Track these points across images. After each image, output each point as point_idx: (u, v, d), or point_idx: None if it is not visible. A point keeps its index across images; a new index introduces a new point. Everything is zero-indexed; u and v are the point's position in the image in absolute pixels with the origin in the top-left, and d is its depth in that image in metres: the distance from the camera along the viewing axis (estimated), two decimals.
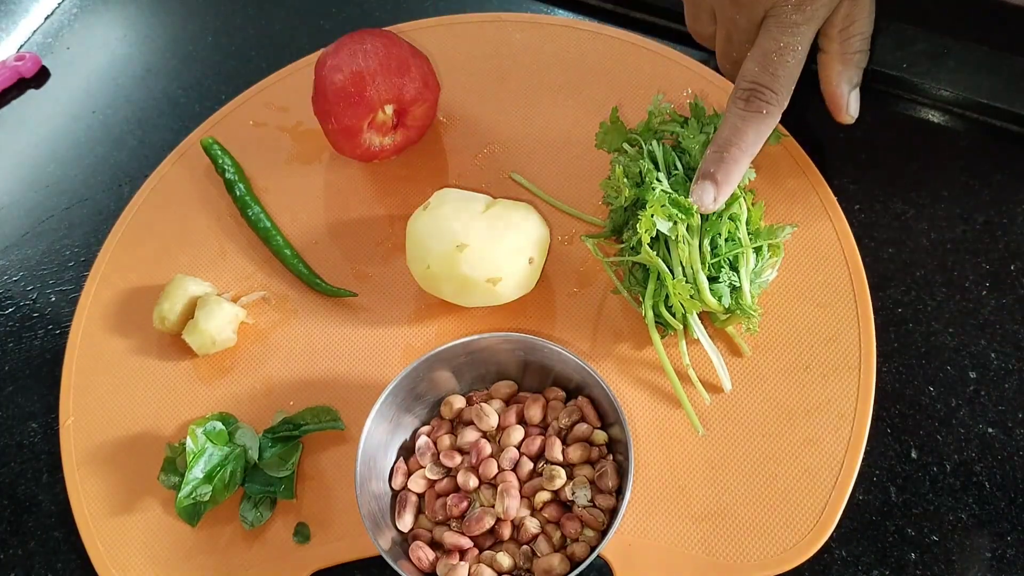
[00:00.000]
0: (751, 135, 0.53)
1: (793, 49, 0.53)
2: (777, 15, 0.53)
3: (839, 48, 0.56)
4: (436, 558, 0.50)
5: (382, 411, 0.52)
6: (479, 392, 0.56)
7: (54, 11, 0.84)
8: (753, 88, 0.54)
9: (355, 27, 0.65)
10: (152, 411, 0.60)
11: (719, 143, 0.54)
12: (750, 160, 0.54)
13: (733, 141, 0.53)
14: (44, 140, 0.76)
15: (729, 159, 0.53)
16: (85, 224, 0.71)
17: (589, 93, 0.68)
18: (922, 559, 0.51)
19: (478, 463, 0.52)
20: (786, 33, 0.53)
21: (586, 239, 0.60)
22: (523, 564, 0.49)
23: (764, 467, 0.53)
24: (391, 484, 0.53)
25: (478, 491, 0.51)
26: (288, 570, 0.54)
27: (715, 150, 0.54)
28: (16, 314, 0.67)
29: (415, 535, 0.51)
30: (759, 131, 0.54)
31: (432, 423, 0.55)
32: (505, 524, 0.50)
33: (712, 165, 0.53)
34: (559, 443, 0.52)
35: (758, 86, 0.53)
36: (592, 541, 0.50)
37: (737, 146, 0.53)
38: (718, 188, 0.53)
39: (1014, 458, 0.53)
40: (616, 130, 0.60)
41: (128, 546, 0.56)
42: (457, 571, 0.49)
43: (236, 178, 0.67)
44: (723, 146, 0.53)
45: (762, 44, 0.54)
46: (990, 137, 0.63)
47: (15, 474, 0.61)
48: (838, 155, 0.64)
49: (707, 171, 0.53)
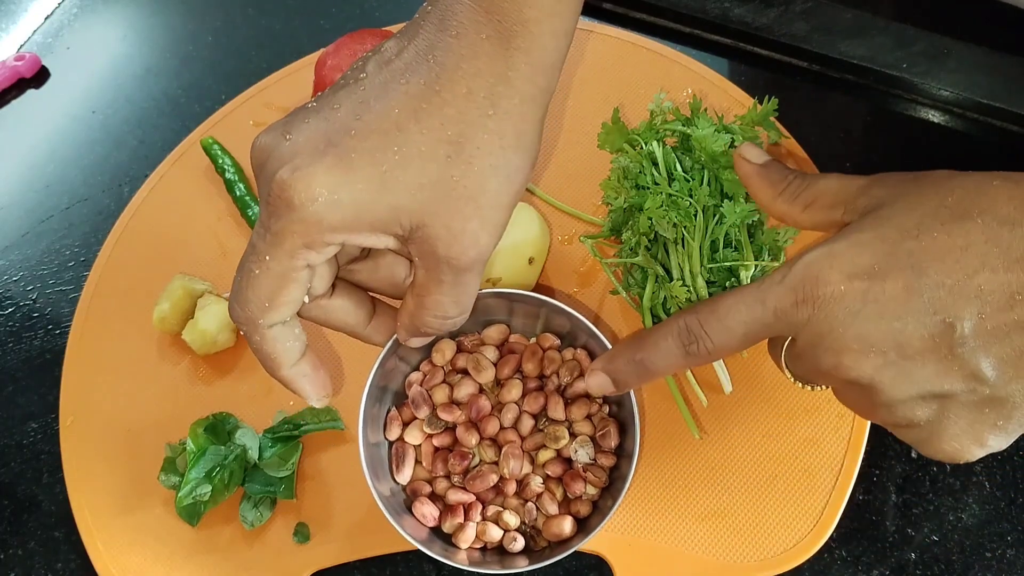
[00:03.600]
0: (677, 368, 0.44)
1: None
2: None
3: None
4: (441, 515, 0.50)
5: (382, 365, 0.50)
6: (470, 336, 0.54)
7: (54, 11, 0.84)
8: (696, 338, 0.42)
9: (355, 27, 0.65)
10: (152, 411, 0.60)
11: (641, 360, 0.43)
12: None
13: (658, 369, 0.44)
14: (44, 140, 0.76)
15: (643, 377, 0.44)
16: (85, 224, 0.71)
17: (589, 93, 0.68)
18: (922, 559, 0.51)
19: (478, 419, 0.51)
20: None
21: (585, 239, 0.60)
22: (528, 521, 0.50)
23: (764, 467, 0.53)
24: (385, 435, 0.52)
25: (479, 447, 0.51)
26: (288, 570, 0.54)
27: (635, 362, 0.44)
28: (16, 314, 0.67)
29: (414, 488, 0.51)
30: (681, 369, 0.47)
31: (423, 369, 0.53)
32: (509, 482, 0.50)
33: (623, 373, 0.45)
34: (561, 402, 0.51)
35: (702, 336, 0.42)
36: (594, 498, 0.50)
37: (658, 374, 0.44)
38: (616, 389, 0.46)
39: (1014, 458, 0.53)
40: (618, 130, 0.60)
41: (128, 546, 0.56)
42: (465, 530, 0.49)
43: (236, 178, 0.67)
44: (646, 366, 0.44)
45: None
46: (990, 137, 0.63)
47: (15, 474, 0.61)
48: (838, 155, 0.64)
49: (615, 372, 0.45)
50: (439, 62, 0.39)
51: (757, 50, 0.70)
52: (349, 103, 0.39)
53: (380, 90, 0.39)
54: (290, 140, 0.38)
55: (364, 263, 0.45)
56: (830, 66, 0.68)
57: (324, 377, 0.45)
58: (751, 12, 0.70)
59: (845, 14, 0.68)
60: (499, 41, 0.39)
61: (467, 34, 0.39)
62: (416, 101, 0.38)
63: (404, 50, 0.40)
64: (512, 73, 0.39)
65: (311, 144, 0.38)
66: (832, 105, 0.68)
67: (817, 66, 0.68)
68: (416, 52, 0.39)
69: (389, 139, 0.38)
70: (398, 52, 0.40)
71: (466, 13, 0.39)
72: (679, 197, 0.53)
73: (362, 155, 0.38)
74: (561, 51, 0.41)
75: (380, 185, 0.38)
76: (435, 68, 0.39)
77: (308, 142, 0.38)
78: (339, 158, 0.38)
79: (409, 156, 0.38)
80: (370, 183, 0.38)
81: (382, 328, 0.47)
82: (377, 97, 0.39)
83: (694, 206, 0.53)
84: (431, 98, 0.38)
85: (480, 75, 0.39)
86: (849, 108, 0.67)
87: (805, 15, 0.69)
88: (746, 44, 0.70)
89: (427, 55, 0.39)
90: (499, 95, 0.39)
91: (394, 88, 0.39)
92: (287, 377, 0.44)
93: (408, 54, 0.40)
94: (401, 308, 0.44)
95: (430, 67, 0.39)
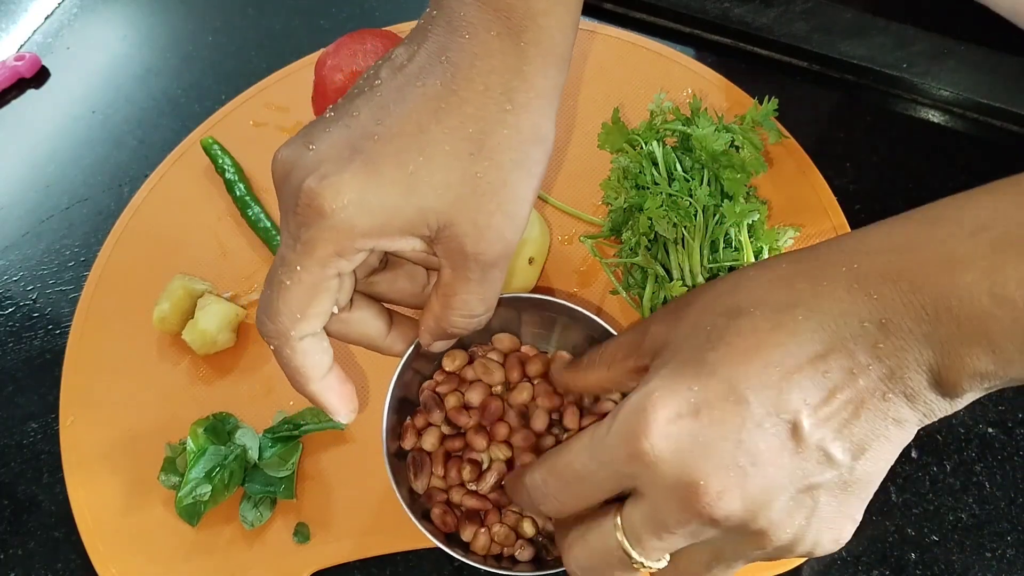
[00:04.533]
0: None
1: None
2: None
3: None
4: (458, 521, 0.50)
5: (402, 375, 0.50)
6: (481, 345, 0.54)
7: (54, 11, 0.84)
8: (543, 497, 0.40)
9: (355, 27, 0.65)
10: (152, 411, 0.60)
11: (558, 477, 0.40)
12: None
13: (537, 511, 0.41)
14: (44, 140, 0.76)
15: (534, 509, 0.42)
16: (85, 224, 0.71)
17: (589, 93, 0.68)
18: (922, 559, 0.51)
19: (491, 423, 0.51)
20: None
21: (585, 239, 0.60)
22: (544, 530, 0.49)
23: None
24: (402, 443, 0.52)
25: (489, 450, 0.51)
26: (288, 570, 0.54)
27: (552, 481, 0.40)
28: (16, 314, 0.67)
29: (430, 495, 0.51)
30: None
31: (436, 376, 0.53)
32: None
33: (537, 496, 0.41)
34: (578, 412, 0.51)
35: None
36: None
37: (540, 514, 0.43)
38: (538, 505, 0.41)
39: (1014, 458, 0.53)
40: (618, 130, 0.60)
41: (128, 546, 0.56)
42: (479, 538, 0.49)
43: (236, 178, 0.67)
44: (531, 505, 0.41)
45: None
46: (990, 137, 0.63)
47: (15, 474, 0.61)
48: (838, 155, 0.64)
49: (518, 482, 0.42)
50: (453, 62, 0.39)
51: (757, 50, 0.70)
52: (368, 109, 0.39)
53: (397, 94, 0.39)
54: (313, 150, 0.38)
55: (383, 275, 0.45)
56: (830, 66, 0.68)
57: (351, 391, 0.45)
58: (751, 12, 0.70)
59: (845, 14, 0.68)
60: (509, 37, 0.39)
61: (477, 33, 0.39)
62: (435, 102, 0.38)
63: (416, 54, 0.40)
64: (526, 67, 0.40)
65: (335, 152, 0.38)
66: (832, 105, 0.68)
67: (817, 66, 0.68)
68: (428, 55, 0.40)
69: (412, 141, 0.38)
70: (410, 57, 0.40)
71: (474, 13, 0.40)
72: (679, 197, 0.53)
73: (387, 158, 0.38)
74: (569, 43, 0.42)
75: (407, 187, 0.38)
76: (450, 68, 0.39)
77: (332, 150, 0.38)
78: (365, 163, 0.38)
79: (433, 156, 0.38)
80: (398, 185, 0.38)
81: (401, 338, 0.47)
82: (395, 101, 0.39)
83: (694, 206, 0.53)
84: (449, 98, 0.38)
85: (495, 72, 0.39)
86: (849, 108, 0.67)
87: (805, 15, 0.69)
88: (746, 44, 0.70)
89: (440, 56, 0.39)
90: (515, 89, 0.39)
91: (411, 91, 0.39)
92: (315, 391, 0.43)
93: (420, 57, 0.40)
94: (425, 312, 0.44)
95: (444, 68, 0.39)
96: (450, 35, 0.40)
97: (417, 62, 0.40)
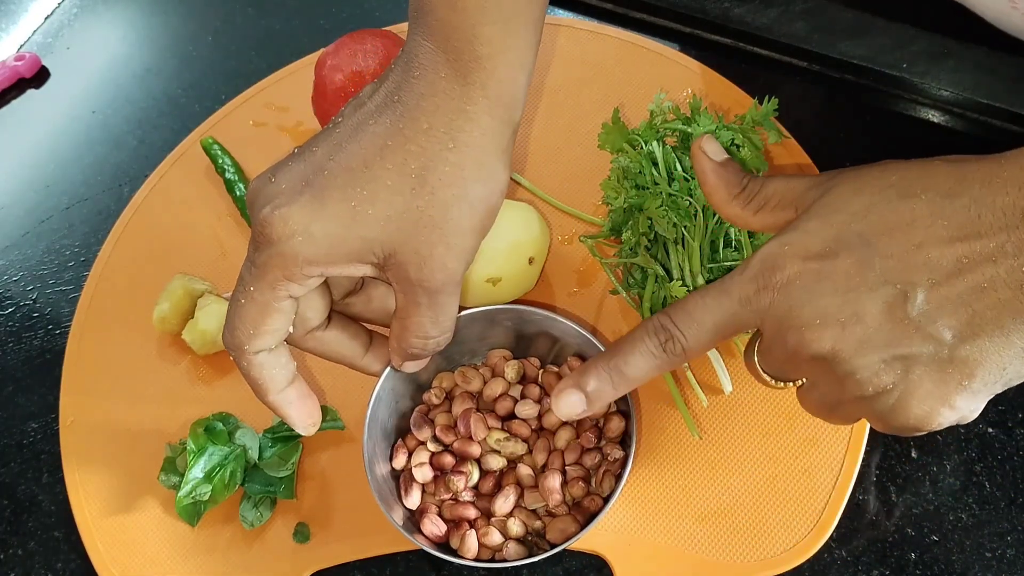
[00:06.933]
0: (652, 374, 0.43)
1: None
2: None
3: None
4: (448, 530, 0.50)
5: (380, 396, 0.51)
6: (478, 366, 0.56)
7: (54, 11, 0.84)
8: (670, 335, 0.42)
9: (355, 27, 0.65)
10: (152, 411, 0.60)
11: (617, 365, 0.42)
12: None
13: (635, 374, 0.43)
14: (44, 140, 0.76)
15: (619, 386, 0.43)
16: (85, 224, 0.71)
17: (589, 93, 0.68)
18: (922, 559, 0.51)
19: (467, 431, 0.52)
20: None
21: (585, 239, 0.60)
22: (533, 527, 0.50)
23: (764, 467, 0.53)
24: (392, 464, 0.53)
25: (474, 460, 0.52)
26: (288, 570, 0.54)
27: (610, 369, 0.43)
28: (16, 314, 0.67)
29: (422, 509, 0.51)
30: (660, 371, 0.44)
31: (424, 398, 0.55)
32: (511, 473, 0.51)
33: (597, 385, 0.43)
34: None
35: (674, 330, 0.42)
36: (603, 493, 0.51)
37: (634, 380, 0.43)
38: (589, 405, 0.44)
39: (1014, 458, 0.53)
40: (618, 130, 0.60)
41: (128, 546, 0.56)
42: (467, 539, 0.49)
43: (236, 178, 0.67)
44: (622, 372, 0.43)
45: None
46: (990, 137, 0.63)
47: (15, 474, 0.61)
48: (838, 155, 0.64)
49: (588, 385, 0.43)
50: (403, 101, 0.42)
51: (757, 50, 0.70)
52: (326, 145, 0.42)
53: (352, 132, 0.42)
54: (274, 182, 0.42)
55: (358, 296, 0.47)
56: (830, 66, 0.68)
57: (312, 406, 0.47)
58: (751, 12, 0.70)
59: (845, 14, 0.68)
60: (456, 79, 0.42)
61: (426, 74, 0.42)
62: (382, 139, 0.41)
63: (376, 93, 0.43)
64: (470, 107, 0.42)
65: (289, 184, 0.41)
66: (832, 105, 0.68)
67: (817, 66, 0.68)
68: (385, 94, 0.43)
69: (357, 176, 0.41)
70: (370, 95, 0.43)
71: (426, 55, 0.42)
72: (679, 197, 0.53)
73: (333, 192, 0.41)
74: (520, 83, 0.44)
75: (350, 219, 0.41)
76: (399, 107, 0.42)
77: (288, 183, 0.42)
78: (313, 196, 0.41)
79: (376, 191, 0.41)
80: (341, 218, 0.41)
81: (379, 359, 0.49)
82: (349, 139, 0.42)
83: (694, 206, 0.53)
84: (395, 136, 0.41)
85: (439, 111, 0.42)
86: (849, 108, 0.67)
87: (805, 15, 0.69)
88: (746, 44, 0.70)
89: (393, 96, 0.42)
90: (458, 129, 0.42)
91: (364, 129, 0.42)
92: (273, 403, 0.46)
93: (379, 96, 0.43)
94: (390, 334, 0.46)
95: (395, 107, 0.42)
96: (405, 75, 0.43)
97: (375, 101, 0.43)
